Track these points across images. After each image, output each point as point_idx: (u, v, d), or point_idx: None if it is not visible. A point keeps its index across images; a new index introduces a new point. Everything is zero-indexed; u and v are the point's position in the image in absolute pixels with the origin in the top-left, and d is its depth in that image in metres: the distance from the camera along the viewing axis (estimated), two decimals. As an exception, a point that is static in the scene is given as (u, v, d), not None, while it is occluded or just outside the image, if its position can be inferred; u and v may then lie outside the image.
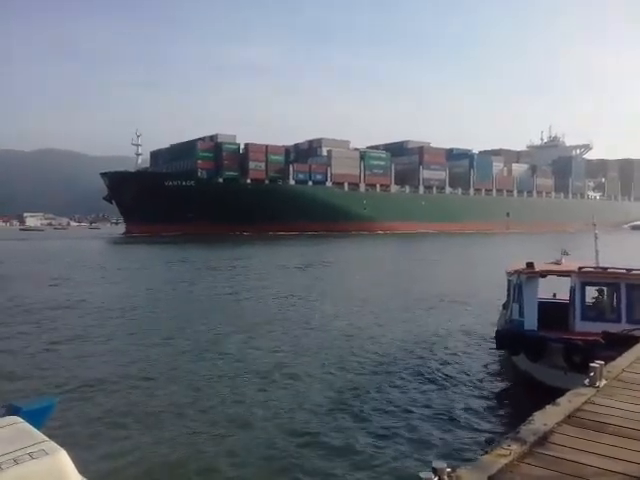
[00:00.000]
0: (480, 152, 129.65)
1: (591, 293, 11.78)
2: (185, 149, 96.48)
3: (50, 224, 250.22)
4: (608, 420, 4.79)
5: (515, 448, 3.98)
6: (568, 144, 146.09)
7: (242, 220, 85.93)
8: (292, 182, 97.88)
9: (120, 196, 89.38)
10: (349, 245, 65.75)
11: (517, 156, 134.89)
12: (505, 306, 13.96)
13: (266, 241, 69.48)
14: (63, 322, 17.78)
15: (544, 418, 4.69)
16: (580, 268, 11.39)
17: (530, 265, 11.54)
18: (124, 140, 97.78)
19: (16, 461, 2.89)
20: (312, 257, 45.35)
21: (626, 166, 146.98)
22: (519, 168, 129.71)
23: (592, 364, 5.79)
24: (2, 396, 9.15)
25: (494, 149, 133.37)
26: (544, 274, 11.71)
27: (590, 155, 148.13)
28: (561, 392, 5.46)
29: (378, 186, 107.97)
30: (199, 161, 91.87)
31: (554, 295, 13.51)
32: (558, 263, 13.17)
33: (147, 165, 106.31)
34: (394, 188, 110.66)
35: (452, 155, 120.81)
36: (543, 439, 4.26)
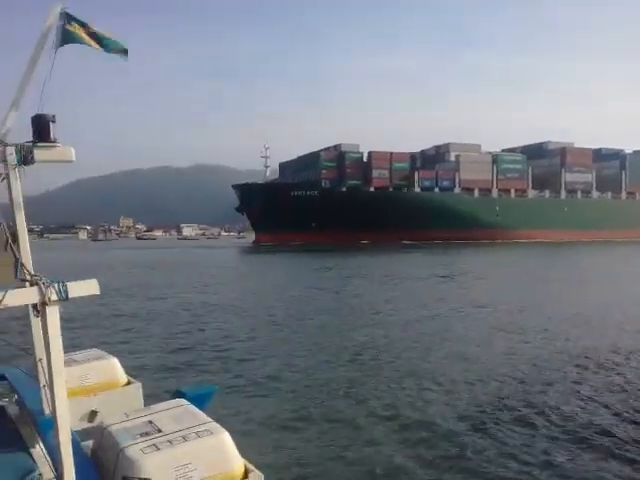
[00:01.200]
0: (634, 151, 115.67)
1: None
2: (310, 160, 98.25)
3: (203, 234, 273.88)
4: None
5: None
6: None
7: (366, 229, 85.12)
8: (417, 189, 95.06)
9: (249, 207, 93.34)
10: (483, 254, 62.01)
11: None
12: None
13: (392, 250, 67.70)
14: (232, 325, 18.61)
15: None
16: None
17: None
18: (270, 153, 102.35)
19: (185, 438, 3.09)
20: (446, 267, 43.21)
21: None
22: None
23: None
24: (169, 382, 10.48)
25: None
26: None
27: None
28: None
29: (513, 191, 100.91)
30: (323, 171, 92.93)
31: None
32: None
33: (276, 176, 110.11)
34: (531, 193, 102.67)
35: (600, 155, 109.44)
36: None
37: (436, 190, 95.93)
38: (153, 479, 2.90)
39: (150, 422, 3.34)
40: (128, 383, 4.66)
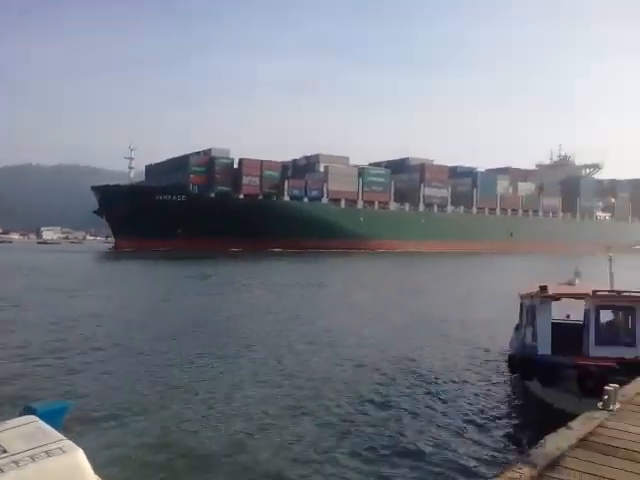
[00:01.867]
0: (486, 170, 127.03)
1: (606, 317, 11.62)
2: (179, 163, 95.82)
3: (67, 237, 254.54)
4: (621, 444, 4.79)
5: (526, 471, 3.99)
6: (578, 163, 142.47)
7: (235, 236, 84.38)
8: (287, 198, 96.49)
9: (110, 210, 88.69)
10: (345, 264, 64.27)
11: (525, 175, 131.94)
12: (518, 329, 13.71)
13: (259, 258, 67.73)
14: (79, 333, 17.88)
15: (556, 441, 4.69)
16: (594, 291, 11.18)
17: (544, 288, 11.33)
18: (139, 154, 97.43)
19: (33, 458, 2.89)
20: (306, 276, 44.13)
21: (638, 186, 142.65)
22: (525, 187, 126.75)
23: (606, 387, 5.77)
24: (18, 398, 9.91)
25: (500, 167, 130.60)
26: (557, 297, 11.61)
27: (601, 175, 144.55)
28: (575, 417, 5.42)
29: (376, 203, 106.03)
30: (192, 175, 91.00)
31: (567, 316, 13.29)
32: (571, 284, 13.26)
33: (143, 179, 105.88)
34: (393, 205, 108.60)
35: (456, 173, 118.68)
36: (554, 463, 4.27)
37: (305, 199, 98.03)
38: None
39: None
40: None
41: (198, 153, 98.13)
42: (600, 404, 5.75)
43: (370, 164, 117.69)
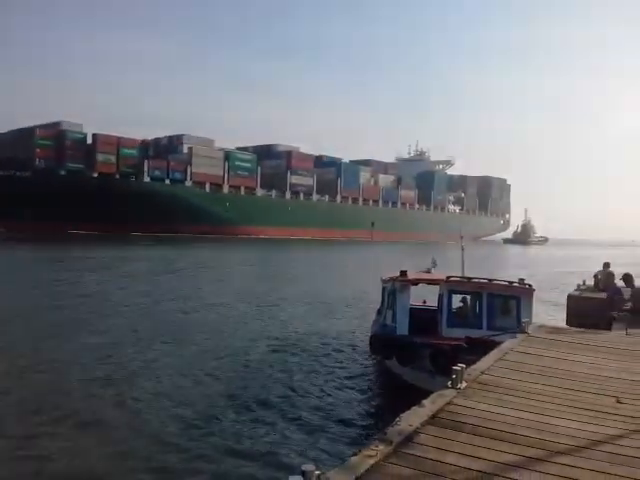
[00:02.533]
0: (350, 161, 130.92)
1: (457, 301, 12.55)
2: (22, 136, 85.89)
3: None
4: (466, 420, 5.06)
5: (382, 448, 4.11)
6: (433, 159, 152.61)
7: (88, 218, 77.90)
8: (147, 179, 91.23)
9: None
10: (209, 249, 62.05)
11: (385, 167, 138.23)
12: (380, 312, 14.26)
13: (115, 243, 62.80)
14: None
15: (410, 419, 4.86)
16: (448, 277, 12.14)
17: (403, 273, 12.07)
18: None
19: None
20: (165, 263, 41.61)
21: (484, 182, 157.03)
22: (385, 179, 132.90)
23: (454, 367, 6.10)
24: None
25: (364, 159, 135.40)
26: (416, 282, 12.60)
27: (452, 171, 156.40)
28: (429, 394, 5.66)
29: (243, 188, 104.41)
30: (37, 149, 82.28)
31: (424, 301, 14.30)
32: (428, 272, 14.40)
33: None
34: (260, 192, 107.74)
35: (321, 162, 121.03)
36: (408, 439, 4.44)
37: (167, 181, 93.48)
38: None
39: None
40: None
41: (46, 125, 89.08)
42: (449, 383, 6.06)
43: (237, 148, 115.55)
